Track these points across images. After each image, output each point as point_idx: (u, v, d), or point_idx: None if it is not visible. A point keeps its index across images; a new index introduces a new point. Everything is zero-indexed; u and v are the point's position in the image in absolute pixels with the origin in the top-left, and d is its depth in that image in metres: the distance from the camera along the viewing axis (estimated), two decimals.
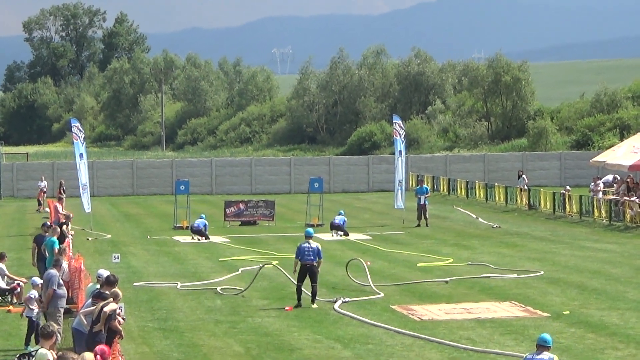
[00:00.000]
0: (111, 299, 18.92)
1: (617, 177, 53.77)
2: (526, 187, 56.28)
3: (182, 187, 48.78)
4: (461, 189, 63.77)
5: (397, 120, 52.16)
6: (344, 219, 44.63)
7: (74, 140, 49.02)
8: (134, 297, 28.82)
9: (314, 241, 27.64)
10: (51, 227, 30.84)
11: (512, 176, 64.58)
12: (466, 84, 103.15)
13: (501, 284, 30.88)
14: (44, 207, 57.11)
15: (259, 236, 44.70)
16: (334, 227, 44.26)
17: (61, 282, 22.61)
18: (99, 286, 20.37)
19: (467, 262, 35.58)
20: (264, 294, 29.36)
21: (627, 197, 46.47)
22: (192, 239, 43.16)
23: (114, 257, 33.29)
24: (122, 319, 19.52)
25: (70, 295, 24.94)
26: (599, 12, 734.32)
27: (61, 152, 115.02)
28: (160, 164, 72.88)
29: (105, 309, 18.50)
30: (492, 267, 34.02)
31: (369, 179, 72.03)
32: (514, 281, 31.35)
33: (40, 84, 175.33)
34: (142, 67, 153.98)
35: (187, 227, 45.52)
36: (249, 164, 72.47)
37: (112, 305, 18.71)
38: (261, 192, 68.91)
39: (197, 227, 43.35)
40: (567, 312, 26.06)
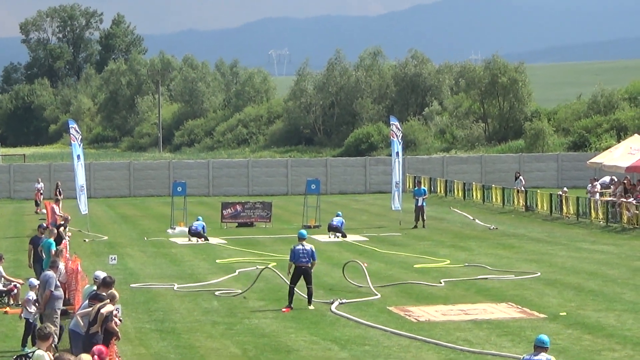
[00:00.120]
0: (108, 301, 18.90)
1: (614, 179, 53.80)
2: (523, 188, 56.26)
3: (179, 189, 48.76)
4: (458, 191, 63.79)
5: (394, 121, 52.12)
6: (342, 220, 44.56)
7: (72, 141, 48.98)
8: (130, 298, 28.81)
9: (307, 243, 27.63)
10: (47, 229, 30.79)
11: (509, 177, 64.63)
12: (463, 85, 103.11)
13: (498, 285, 30.87)
14: (41, 209, 57.05)
15: (256, 237, 44.67)
16: (331, 229, 44.17)
17: (58, 283, 22.58)
18: (95, 288, 20.34)
19: (464, 263, 35.58)
20: (261, 295, 29.35)
21: (624, 199, 46.48)
22: (189, 240, 43.16)
23: (111, 258, 33.30)
24: (119, 320, 19.50)
25: (67, 296, 24.90)
26: (597, 13, 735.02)
27: (58, 153, 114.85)
28: (157, 166, 72.86)
29: (102, 311, 18.48)
30: (489, 269, 34.00)
31: (366, 180, 72.04)
32: (511, 282, 31.35)
33: (37, 86, 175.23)
34: (139, 68, 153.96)
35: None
36: (246, 166, 72.45)
37: (109, 306, 18.69)
38: (258, 194, 68.89)
39: (195, 229, 43.32)
40: (564, 314, 26.06)
